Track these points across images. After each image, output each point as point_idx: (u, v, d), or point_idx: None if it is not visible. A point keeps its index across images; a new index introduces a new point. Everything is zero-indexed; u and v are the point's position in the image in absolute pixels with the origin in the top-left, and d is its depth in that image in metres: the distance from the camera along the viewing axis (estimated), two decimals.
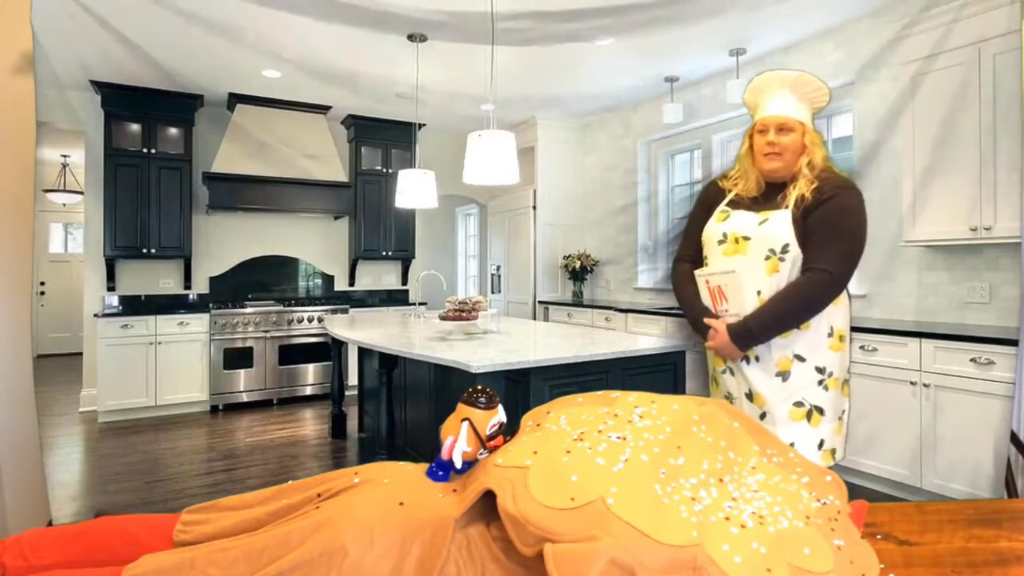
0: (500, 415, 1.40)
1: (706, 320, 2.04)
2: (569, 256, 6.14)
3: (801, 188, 1.93)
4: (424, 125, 6.37)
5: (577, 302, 5.89)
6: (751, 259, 1.95)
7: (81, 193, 6.93)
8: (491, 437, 1.36)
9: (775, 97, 2.00)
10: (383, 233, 6.32)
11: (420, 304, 5.06)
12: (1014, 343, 2.69)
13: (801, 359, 1.95)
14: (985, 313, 3.29)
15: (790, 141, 1.96)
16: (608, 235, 6.17)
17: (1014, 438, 2.58)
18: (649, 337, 3.41)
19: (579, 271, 6.05)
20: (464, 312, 3.22)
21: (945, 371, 2.96)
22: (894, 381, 3.15)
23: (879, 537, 1.37)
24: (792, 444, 1.93)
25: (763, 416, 1.98)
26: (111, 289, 5.35)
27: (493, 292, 6.99)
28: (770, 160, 1.98)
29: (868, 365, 3.23)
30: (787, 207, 1.93)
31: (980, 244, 3.17)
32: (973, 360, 2.86)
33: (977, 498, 2.76)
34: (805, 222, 1.90)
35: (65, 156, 7.72)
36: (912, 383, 3.08)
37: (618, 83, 5.19)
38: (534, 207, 6.22)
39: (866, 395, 3.20)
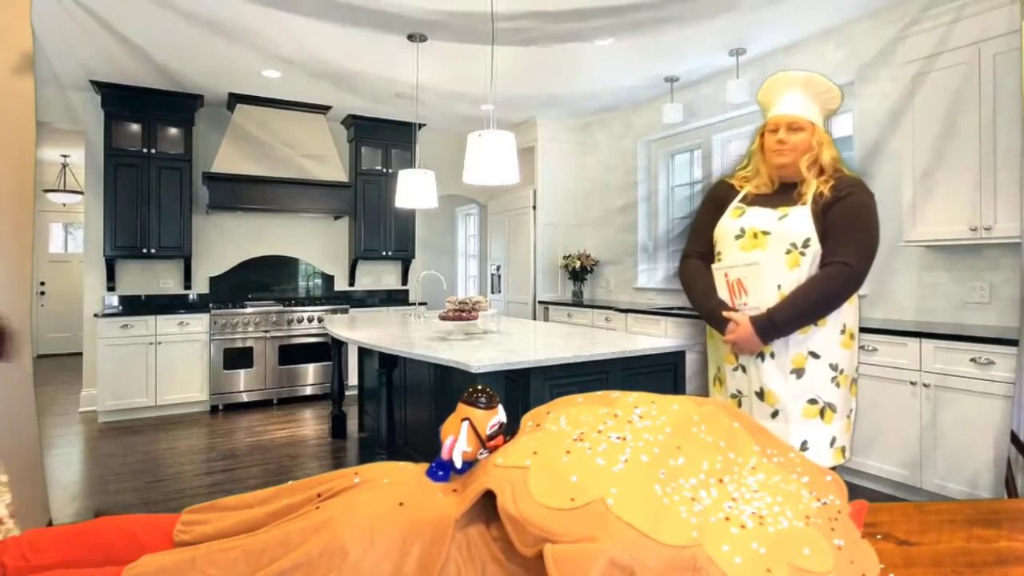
0: (500, 415, 1.39)
1: (726, 313, 2.00)
2: (569, 256, 6.14)
3: (819, 185, 1.95)
4: (424, 125, 6.36)
5: (577, 302, 5.89)
6: (771, 254, 1.95)
7: (81, 193, 6.92)
8: (491, 437, 1.36)
9: (786, 97, 2.02)
10: (383, 233, 6.32)
11: (420, 304, 5.06)
12: (1014, 343, 2.69)
13: (816, 356, 1.95)
14: (985, 313, 3.29)
15: (799, 140, 1.98)
16: (608, 235, 6.17)
17: (1014, 438, 2.58)
18: (649, 337, 3.41)
19: (579, 271, 6.05)
20: (464, 312, 3.22)
21: (945, 371, 2.96)
22: (894, 381, 3.15)
23: (879, 537, 1.37)
24: (805, 442, 1.93)
25: (775, 415, 1.96)
26: (111, 289, 5.35)
27: (493, 292, 6.99)
28: (779, 155, 2.00)
29: (868, 365, 3.22)
30: (804, 203, 1.95)
31: (980, 244, 3.17)
32: (973, 360, 2.86)
33: (977, 498, 2.76)
34: (824, 217, 1.92)
35: (65, 156, 7.72)
36: (912, 383, 3.07)
37: (618, 83, 5.19)
38: (534, 207, 6.22)
39: (866, 395, 3.20)
